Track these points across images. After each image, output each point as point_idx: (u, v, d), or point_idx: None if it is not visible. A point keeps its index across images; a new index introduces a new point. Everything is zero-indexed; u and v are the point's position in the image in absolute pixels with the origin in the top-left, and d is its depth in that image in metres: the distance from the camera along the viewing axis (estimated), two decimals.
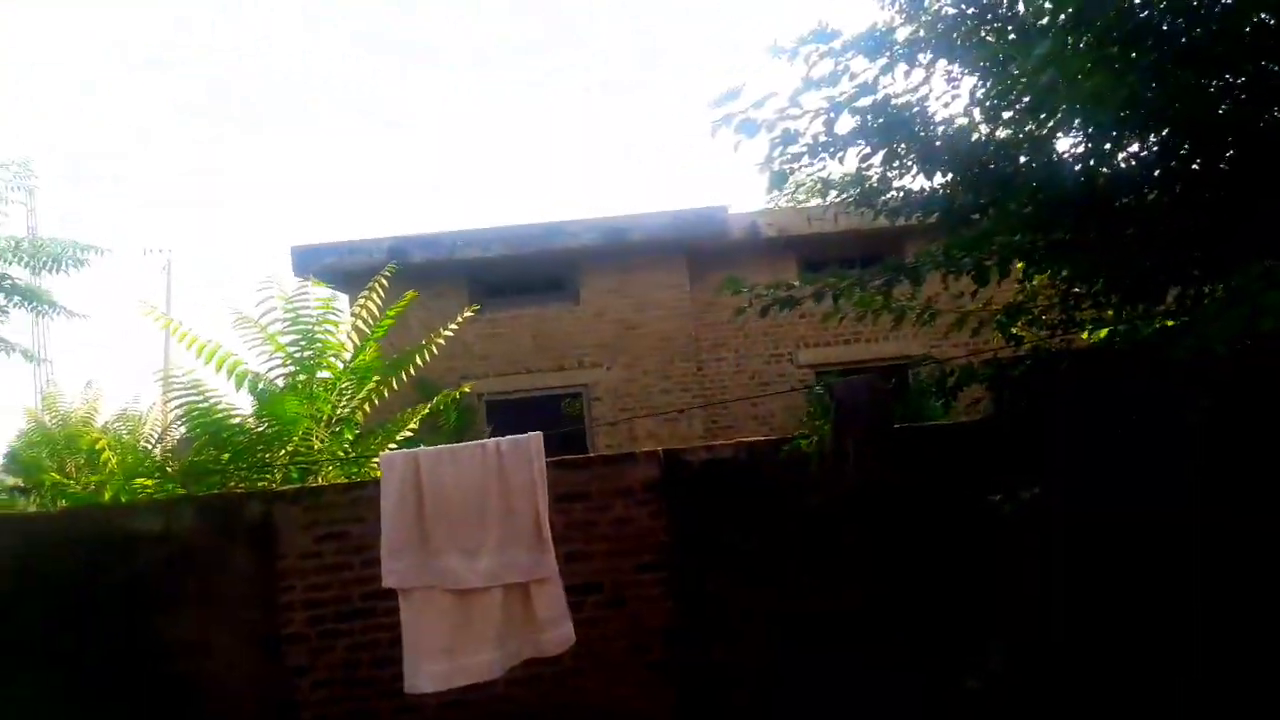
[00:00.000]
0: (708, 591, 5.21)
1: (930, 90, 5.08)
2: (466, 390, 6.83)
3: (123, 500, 6.04)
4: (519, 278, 11.47)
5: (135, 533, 5.21)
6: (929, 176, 5.06)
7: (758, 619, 5.16)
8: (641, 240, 11.08)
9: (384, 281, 6.53)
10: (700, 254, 11.34)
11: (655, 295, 11.36)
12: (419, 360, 6.47)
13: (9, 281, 5.19)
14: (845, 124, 4.86)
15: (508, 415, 10.24)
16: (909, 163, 4.98)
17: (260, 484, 5.72)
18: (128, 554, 5.16)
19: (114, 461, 6.40)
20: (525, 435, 4.02)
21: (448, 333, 6.66)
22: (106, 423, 10.85)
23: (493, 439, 4.04)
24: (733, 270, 11.08)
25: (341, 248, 10.72)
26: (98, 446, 6.69)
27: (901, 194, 5.32)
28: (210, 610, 5.12)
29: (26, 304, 5.26)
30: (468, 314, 7.03)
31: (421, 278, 9.12)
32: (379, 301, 6.46)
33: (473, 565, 3.79)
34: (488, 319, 10.59)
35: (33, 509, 7.47)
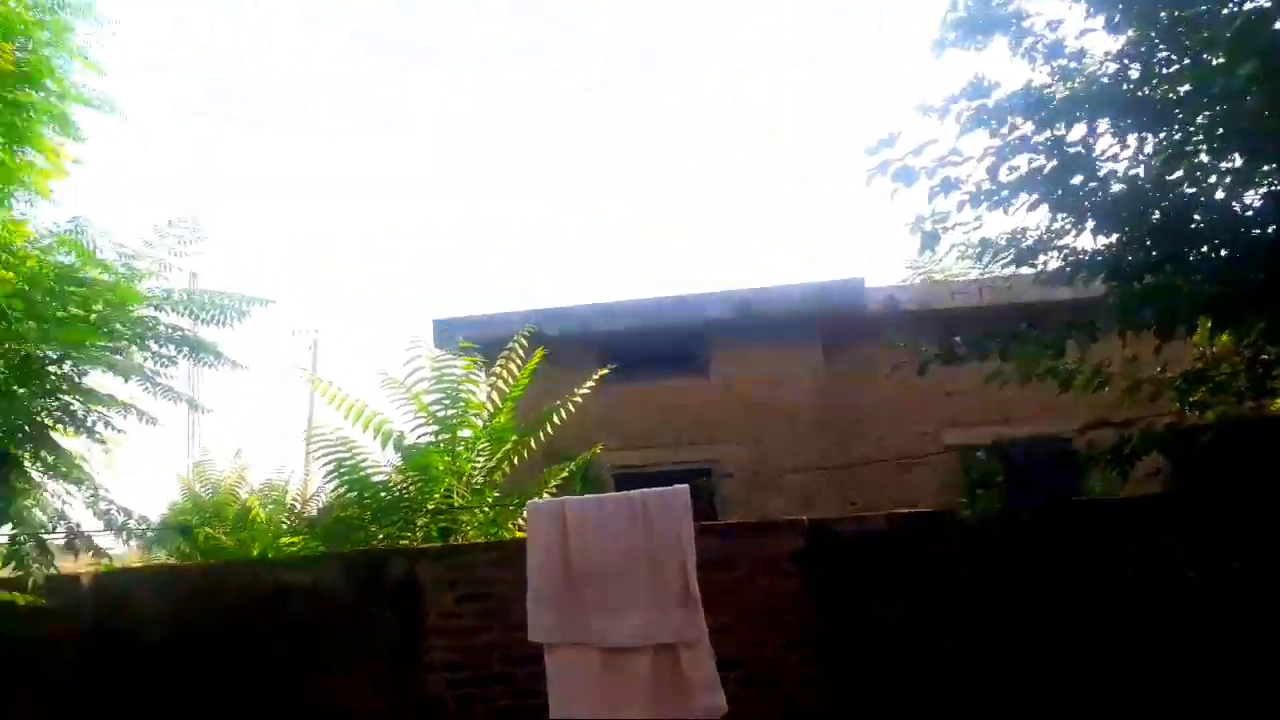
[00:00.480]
0: (855, 665, 4.90)
1: (1095, 144, 4.87)
2: (598, 451, 6.79)
3: (270, 556, 6.17)
4: (649, 351, 11.44)
5: (283, 587, 5.28)
6: (1099, 232, 4.80)
7: (908, 694, 4.82)
8: (773, 313, 10.94)
9: (524, 341, 6.62)
10: (836, 328, 11.09)
11: (788, 370, 11.14)
12: (555, 419, 6.48)
13: (179, 332, 5.42)
14: (1007, 175, 4.68)
15: (634, 488, 10.09)
16: (1078, 216, 4.75)
17: (403, 541, 5.74)
18: (274, 608, 5.22)
19: (263, 518, 6.57)
20: (672, 488, 3.90)
21: (582, 392, 6.68)
22: (252, 491, 11.26)
23: (639, 490, 3.92)
24: (871, 345, 10.85)
25: (479, 321, 10.97)
26: (248, 504, 6.89)
27: (1064, 252, 5.06)
28: (354, 667, 5.10)
29: (194, 355, 5.48)
30: (603, 372, 7.05)
31: (555, 350, 9.19)
32: (519, 361, 6.53)
33: (620, 622, 3.64)
34: (618, 391, 10.56)
35: (178, 560, 7.75)
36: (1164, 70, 4.62)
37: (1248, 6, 4.22)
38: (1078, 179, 4.39)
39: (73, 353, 4.79)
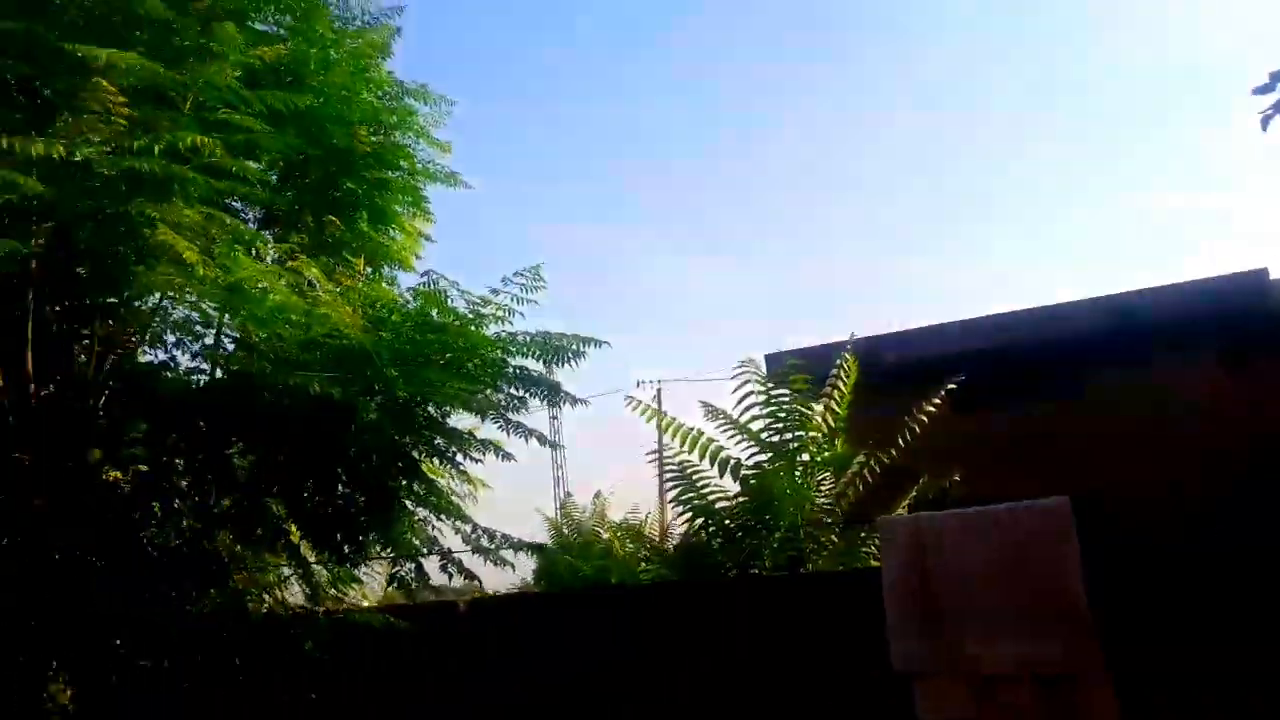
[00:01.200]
0: None
1: None
2: (957, 479, 6.22)
3: (626, 583, 6.35)
4: (1005, 372, 10.42)
5: (635, 613, 5.33)
6: None
7: None
8: (1158, 320, 9.49)
9: (853, 363, 6.31)
10: (1239, 334, 9.42)
11: (1181, 387, 9.60)
12: (900, 441, 6.07)
13: (526, 372, 5.77)
14: None
15: None
16: None
17: (752, 569, 5.61)
18: (627, 631, 5.28)
19: (622, 552, 6.85)
20: (1050, 499, 3.35)
21: (928, 410, 6.23)
22: (613, 527, 11.93)
23: (1008, 504, 3.41)
24: None
25: (811, 352, 10.61)
26: (609, 539, 7.19)
27: None
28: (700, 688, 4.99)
29: (542, 394, 5.82)
30: (950, 386, 6.52)
31: (894, 378, 8.63)
32: (845, 383, 6.25)
33: (993, 649, 3.14)
34: (967, 418, 9.69)
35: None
36: None
37: None
38: None
39: (431, 394, 5.21)
